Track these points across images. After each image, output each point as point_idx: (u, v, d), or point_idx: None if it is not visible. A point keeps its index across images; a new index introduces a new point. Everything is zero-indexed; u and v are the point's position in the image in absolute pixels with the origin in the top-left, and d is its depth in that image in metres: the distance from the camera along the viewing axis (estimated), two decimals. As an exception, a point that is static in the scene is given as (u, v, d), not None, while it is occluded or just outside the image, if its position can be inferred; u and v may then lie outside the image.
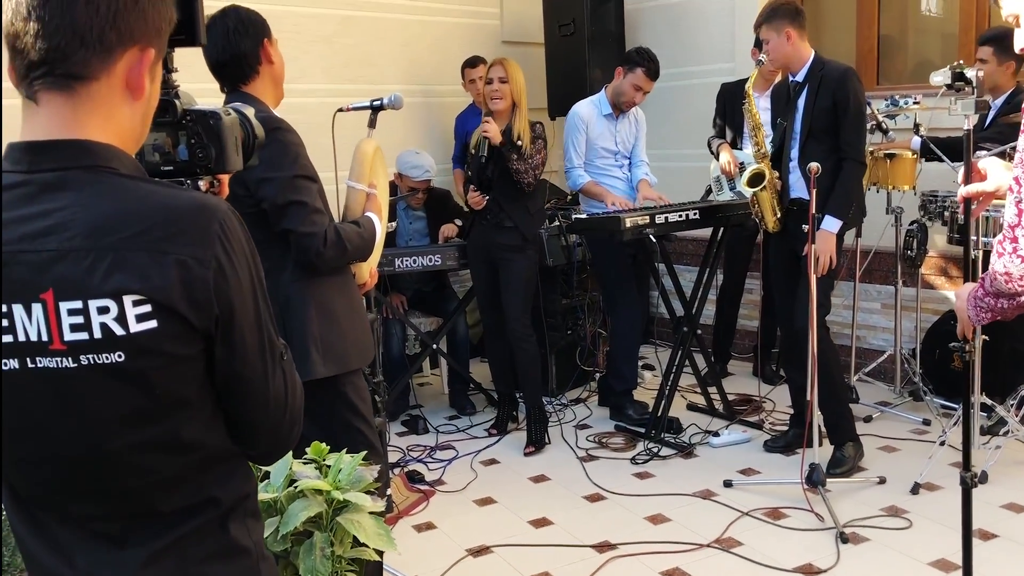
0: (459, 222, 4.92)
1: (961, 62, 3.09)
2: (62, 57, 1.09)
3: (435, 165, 4.90)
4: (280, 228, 2.42)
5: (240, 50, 2.45)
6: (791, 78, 3.90)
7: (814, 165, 3.49)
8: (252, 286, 1.19)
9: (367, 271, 2.78)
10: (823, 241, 3.68)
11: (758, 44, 4.88)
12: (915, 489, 3.68)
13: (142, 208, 1.11)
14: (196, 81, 2.23)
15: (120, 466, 1.14)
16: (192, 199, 1.15)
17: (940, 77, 3.16)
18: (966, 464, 2.27)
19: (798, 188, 3.85)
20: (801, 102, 3.83)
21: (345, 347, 2.55)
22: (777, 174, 3.90)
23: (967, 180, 2.08)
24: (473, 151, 4.40)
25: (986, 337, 3.79)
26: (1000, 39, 4.18)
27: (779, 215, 3.91)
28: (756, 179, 3.86)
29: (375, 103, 3.17)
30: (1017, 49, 1.82)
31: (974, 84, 2.90)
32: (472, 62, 5.56)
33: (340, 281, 2.58)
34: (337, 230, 2.47)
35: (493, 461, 4.29)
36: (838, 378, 3.89)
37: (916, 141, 4.29)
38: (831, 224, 3.71)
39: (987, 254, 3.64)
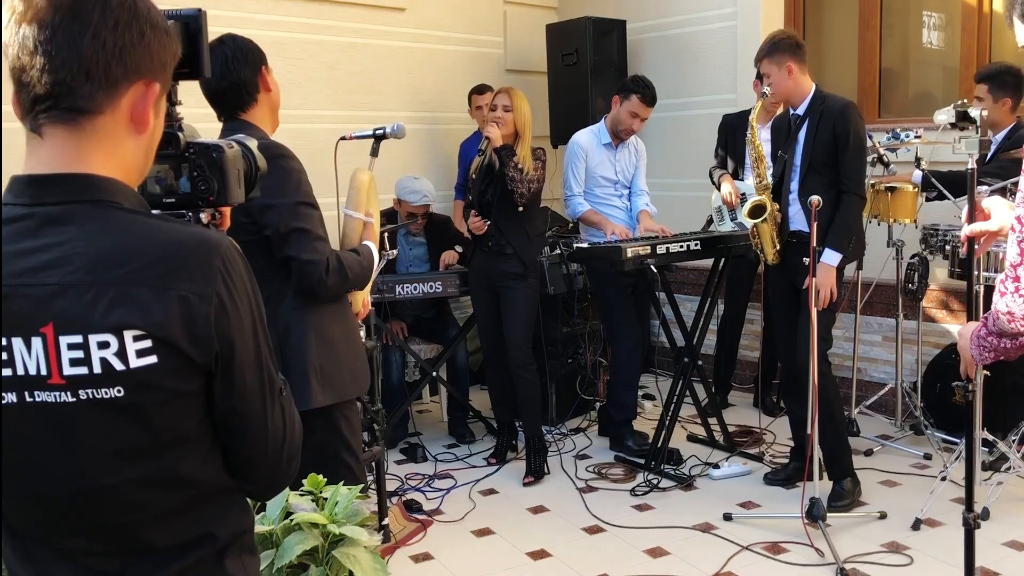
0: (459, 249, 4.92)
1: (964, 101, 3.10)
2: (68, 92, 1.09)
3: (433, 190, 4.91)
4: (282, 255, 2.43)
5: (239, 79, 2.46)
6: (792, 111, 3.91)
7: (815, 199, 3.49)
8: (253, 322, 1.19)
9: (360, 300, 2.78)
10: (823, 274, 3.68)
11: (760, 76, 4.91)
12: (916, 525, 3.65)
13: (145, 243, 1.11)
14: (198, 107, 2.25)
15: (117, 502, 1.13)
16: (194, 235, 1.15)
17: (944, 116, 3.17)
18: (969, 505, 2.25)
19: (798, 221, 3.85)
20: (802, 135, 3.84)
21: (343, 376, 2.54)
22: (777, 206, 3.90)
23: (971, 219, 2.08)
24: (473, 175, 4.41)
25: (987, 372, 3.78)
26: (995, 76, 4.19)
27: (778, 247, 3.91)
28: (757, 211, 3.86)
29: (378, 132, 3.19)
30: None
31: (978, 123, 2.90)
32: (480, 89, 5.59)
33: (338, 309, 2.58)
34: (339, 258, 2.48)
35: (492, 491, 4.26)
36: (838, 413, 3.87)
37: (917, 175, 4.30)
38: (831, 257, 3.71)
39: (989, 289, 3.63)
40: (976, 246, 2.16)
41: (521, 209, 4.25)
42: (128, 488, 1.13)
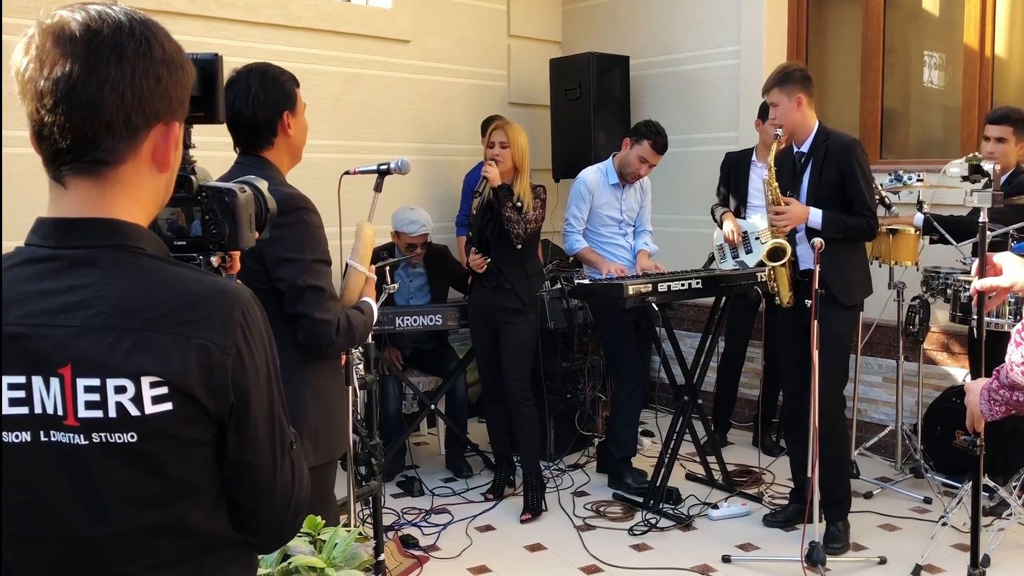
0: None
1: (977, 154, 3.09)
2: (90, 146, 1.10)
3: (431, 220, 4.89)
4: (294, 311, 2.34)
5: (255, 119, 2.37)
6: (795, 149, 3.87)
7: (817, 241, 3.49)
8: (268, 375, 1.19)
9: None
10: (798, 211, 3.68)
11: (763, 115, 4.93)
12: (916, 571, 3.62)
13: (167, 291, 1.12)
14: (215, 135, 2.22)
15: (122, 548, 1.12)
16: (216, 285, 1.16)
17: (956, 168, 3.16)
18: (974, 560, 2.23)
19: (806, 260, 3.81)
20: (807, 174, 3.81)
21: (333, 436, 2.51)
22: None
23: (982, 273, 2.08)
24: (475, 211, 4.41)
25: (989, 417, 3.75)
26: (1020, 119, 4.18)
27: (792, 292, 3.88)
28: (776, 254, 3.81)
29: (382, 167, 3.18)
30: None
31: (991, 176, 2.89)
32: (492, 121, 5.59)
33: (333, 367, 2.54)
34: (348, 319, 2.41)
35: (489, 527, 4.22)
36: (847, 455, 3.85)
37: (919, 218, 4.29)
38: (816, 215, 3.68)
39: (991, 334, 3.62)
40: (988, 299, 2.15)
41: (520, 247, 4.25)
42: (135, 536, 1.12)
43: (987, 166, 2.93)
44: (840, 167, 3.71)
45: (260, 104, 2.37)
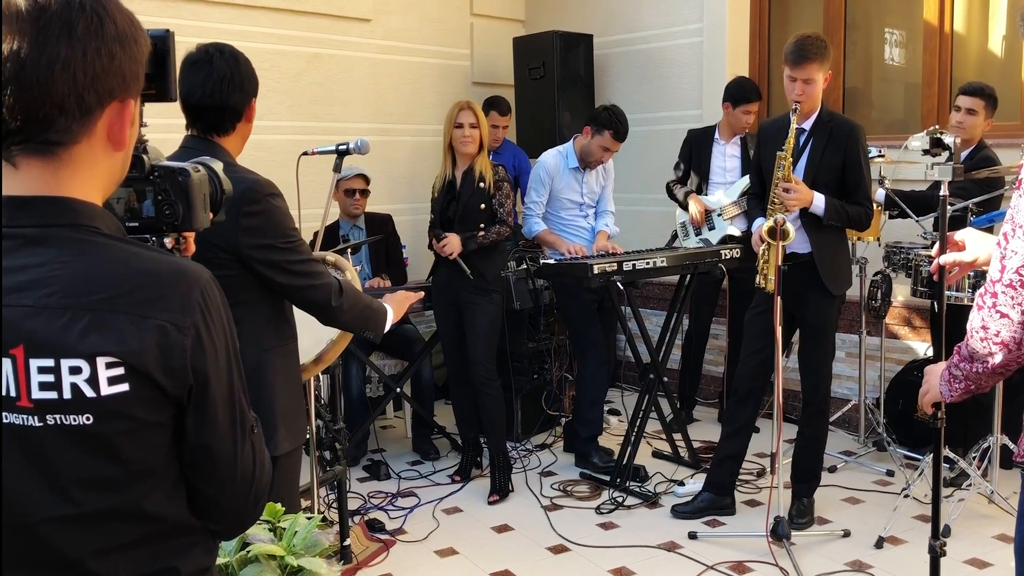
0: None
1: (937, 127, 3.10)
2: (42, 127, 1.07)
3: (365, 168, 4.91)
4: (286, 285, 2.32)
5: (228, 103, 2.29)
6: (794, 125, 3.61)
7: (780, 217, 3.48)
8: (228, 357, 1.17)
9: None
10: (806, 192, 3.56)
11: (732, 100, 4.91)
12: (879, 543, 3.67)
13: (124, 270, 1.09)
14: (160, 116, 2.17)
15: (76, 533, 1.10)
16: (174, 264, 1.13)
17: (918, 142, 3.17)
18: (935, 532, 2.25)
19: (796, 242, 3.66)
20: (807, 153, 3.67)
21: (300, 420, 2.49)
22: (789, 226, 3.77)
23: (942, 250, 2.08)
24: (435, 194, 4.38)
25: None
26: (992, 95, 4.20)
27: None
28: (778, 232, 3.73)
29: (341, 148, 3.14)
30: None
31: (951, 150, 2.90)
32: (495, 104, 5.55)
33: (295, 350, 2.51)
34: (349, 285, 2.43)
35: (456, 509, 4.21)
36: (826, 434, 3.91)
37: (881, 194, 4.32)
38: (819, 201, 3.58)
39: (951, 308, 3.65)
40: (948, 274, 2.16)
41: (482, 226, 4.22)
42: (91, 520, 1.09)
43: (948, 139, 2.94)
44: (845, 151, 3.61)
45: (235, 88, 2.29)
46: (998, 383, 3.23)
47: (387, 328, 2.60)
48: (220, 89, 2.28)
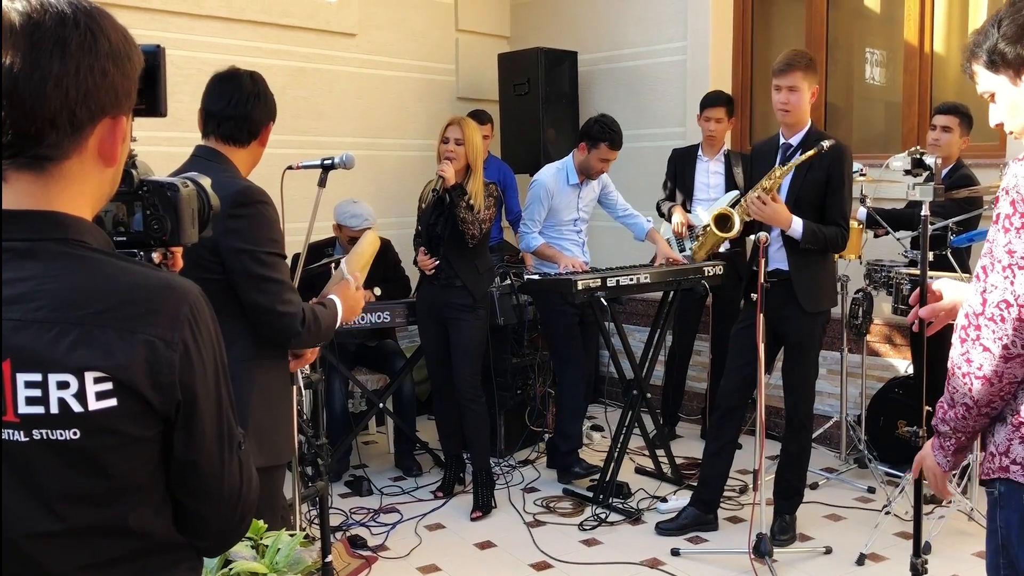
0: (378, 292, 4.76)
1: (918, 148, 3.13)
2: (33, 142, 1.07)
3: (373, 213, 4.82)
4: (253, 303, 2.31)
5: (251, 116, 2.44)
6: (783, 140, 3.71)
7: (763, 235, 3.51)
8: (216, 373, 1.17)
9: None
10: (782, 213, 3.57)
11: (700, 106, 4.96)
12: (861, 560, 3.68)
13: (112, 285, 1.09)
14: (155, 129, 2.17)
15: (61, 548, 1.09)
16: (163, 280, 1.13)
17: (899, 162, 3.20)
18: (917, 550, 2.26)
19: (778, 258, 3.70)
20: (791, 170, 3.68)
21: (279, 438, 2.47)
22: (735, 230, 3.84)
23: (922, 300, 2.10)
24: (422, 204, 4.37)
25: (929, 408, 3.82)
26: (966, 113, 4.26)
27: (720, 252, 3.82)
28: (724, 222, 3.81)
29: (326, 162, 3.14)
30: (992, 124, 1.81)
31: (932, 170, 2.93)
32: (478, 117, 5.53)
33: (280, 367, 2.49)
34: (314, 312, 2.40)
35: (438, 525, 4.19)
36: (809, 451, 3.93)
37: (862, 212, 4.36)
38: (796, 225, 3.58)
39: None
40: (927, 325, 2.15)
41: (472, 244, 4.22)
42: (76, 535, 1.09)
43: (929, 160, 2.97)
44: (829, 171, 3.62)
45: (259, 103, 2.45)
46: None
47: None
48: (245, 101, 2.43)
